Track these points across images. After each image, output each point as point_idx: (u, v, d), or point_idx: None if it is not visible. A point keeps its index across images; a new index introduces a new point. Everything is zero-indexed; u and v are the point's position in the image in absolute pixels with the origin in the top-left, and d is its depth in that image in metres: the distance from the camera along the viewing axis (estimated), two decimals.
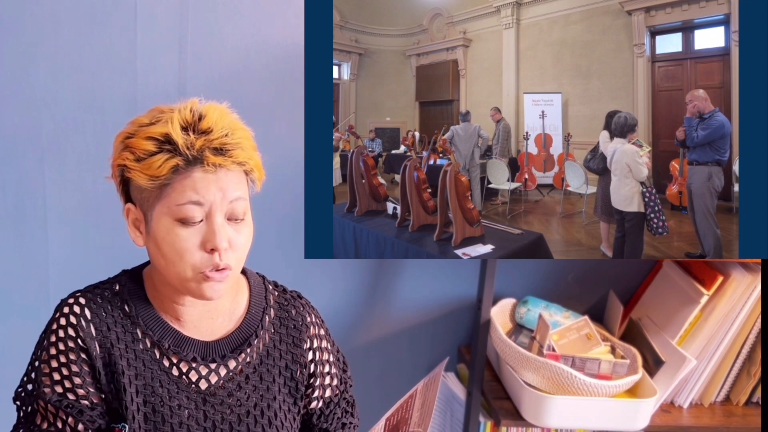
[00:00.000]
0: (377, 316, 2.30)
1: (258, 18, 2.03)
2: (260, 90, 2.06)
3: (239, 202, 1.15)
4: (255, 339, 1.26)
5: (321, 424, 1.35)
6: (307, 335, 1.31)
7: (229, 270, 1.15)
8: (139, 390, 1.19)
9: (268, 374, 1.27)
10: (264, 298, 1.31)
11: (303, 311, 1.32)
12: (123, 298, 1.22)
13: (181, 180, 1.12)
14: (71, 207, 2.08)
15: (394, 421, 1.18)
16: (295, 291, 1.36)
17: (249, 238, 1.18)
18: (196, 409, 1.21)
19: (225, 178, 1.13)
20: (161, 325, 1.21)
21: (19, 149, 2.04)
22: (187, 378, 1.21)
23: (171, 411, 1.19)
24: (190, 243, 1.13)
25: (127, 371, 1.18)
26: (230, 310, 1.27)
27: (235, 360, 1.25)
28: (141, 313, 1.21)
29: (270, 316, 1.29)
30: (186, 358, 1.21)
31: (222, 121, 1.14)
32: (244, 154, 1.14)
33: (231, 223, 1.15)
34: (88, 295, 1.21)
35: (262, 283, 1.33)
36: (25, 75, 2.00)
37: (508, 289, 2.24)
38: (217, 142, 1.12)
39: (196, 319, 1.23)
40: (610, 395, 1.91)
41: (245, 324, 1.27)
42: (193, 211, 1.12)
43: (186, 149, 1.11)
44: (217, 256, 1.13)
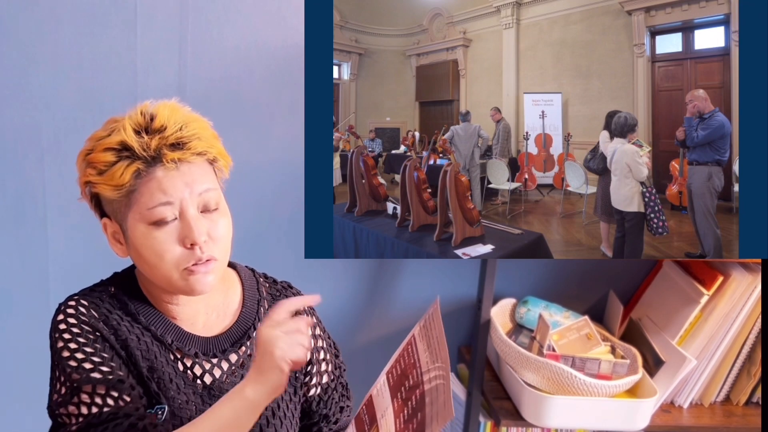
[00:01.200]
0: (377, 316, 2.30)
1: (258, 18, 2.03)
2: (260, 90, 2.06)
3: (209, 193, 1.14)
4: (253, 331, 1.26)
5: (321, 410, 1.36)
6: None
7: (213, 261, 1.15)
8: (155, 380, 1.18)
9: None
10: (257, 290, 1.31)
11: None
12: (120, 298, 1.21)
13: (145, 183, 1.12)
14: (71, 207, 2.07)
15: (399, 371, 1.16)
16: (284, 281, 1.37)
17: (228, 227, 1.18)
18: (203, 404, 1.20)
19: (189, 172, 1.13)
20: (162, 321, 1.21)
21: (19, 149, 2.04)
22: (192, 373, 1.22)
23: (179, 405, 1.19)
24: (169, 243, 1.13)
25: (142, 363, 1.17)
26: (224, 305, 1.27)
27: (236, 353, 1.25)
28: (141, 311, 1.21)
29: (264, 308, 1.30)
30: (189, 353, 1.21)
31: (174, 117, 1.14)
32: (203, 144, 1.14)
33: (205, 214, 1.15)
34: (87, 297, 1.19)
35: (253, 275, 1.33)
36: (25, 75, 2.00)
37: (508, 289, 2.24)
38: (172, 138, 1.12)
39: (191, 316, 1.23)
40: (610, 395, 1.91)
41: (242, 317, 1.27)
42: (165, 212, 1.12)
43: (143, 151, 1.11)
44: (198, 250, 1.13)
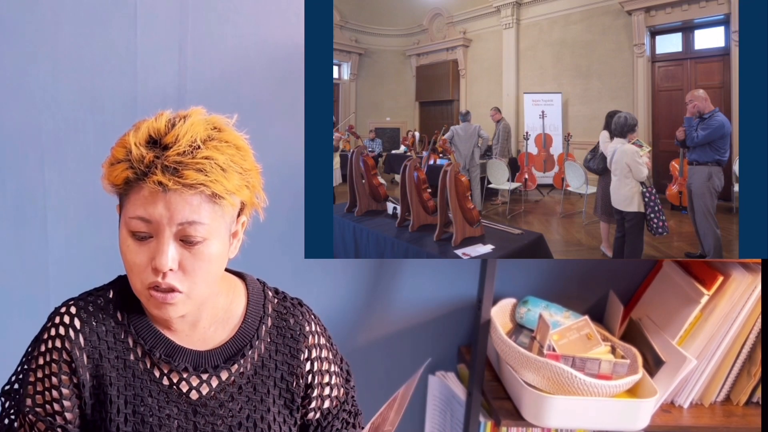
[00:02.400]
0: (377, 316, 2.30)
1: (258, 18, 2.03)
2: (260, 90, 2.06)
3: (193, 226, 1.07)
4: (249, 349, 1.22)
5: None
6: (305, 345, 1.27)
7: (176, 293, 1.10)
8: (128, 400, 1.17)
9: (262, 385, 1.23)
10: (262, 306, 1.26)
11: (302, 320, 1.28)
12: (116, 305, 1.19)
13: (134, 193, 1.08)
14: (71, 207, 2.08)
15: (377, 423, 1.17)
16: (296, 298, 1.31)
17: (210, 264, 1.11)
18: (186, 420, 1.18)
19: (174, 200, 1.06)
20: (153, 334, 1.19)
21: (19, 149, 2.04)
22: (178, 388, 1.19)
23: (160, 422, 1.17)
24: (139, 258, 1.09)
25: (116, 382, 1.16)
26: (224, 318, 1.23)
27: (228, 371, 1.21)
28: (133, 322, 1.19)
29: (267, 326, 1.25)
30: (177, 368, 1.18)
31: (191, 134, 1.06)
32: (203, 178, 1.05)
33: (184, 245, 1.09)
34: (81, 303, 1.19)
35: (262, 290, 1.28)
36: (25, 75, 2.00)
37: (508, 289, 2.24)
38: (171, 159, 1.05)
39: (189, 328, 1.20)
40: (610, 395, 1.91)
41: (240, 333, 1.22)
42: (140, 227, 1.08)
43: (137, 162, 1.06)
44: (161, 277, 1.09)
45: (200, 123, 1.09)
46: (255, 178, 1.15)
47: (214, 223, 1.10)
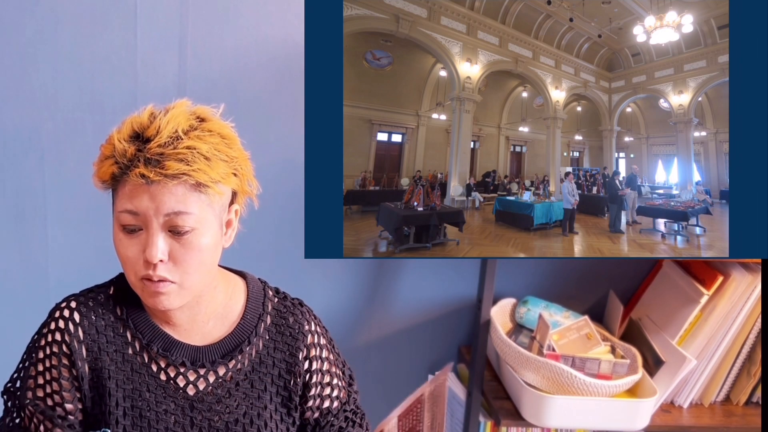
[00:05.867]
0: (377, 316, 2.30)
1: (258, 18, 2.03)
2: (260, 90, 2.06)
3: (180, 216, 1.09)
4: (247, 345, 1.23)
5: None
6: (304, 344, 1.27)
7: (168, 283, 1.11)
8: (127, 394, 1.17)
9: (259, 382, 1.24)
10: (261, 304, 1.27)
11: (301, 319, 1.28)
12: (116, 301, 1.21)
13: (121, 187, 1.10)
14: (71, 207, 2.08)
15: (407, 428, 1.17)
16: (297, 299, 1.32)
17: (201, 253, 1.12)
18: (183, 415, 1.19)
19: (159, 191, 1.07)
20: (151, 328, 1.20)
21: (19, 149, 2.04)
22: (175, 383, 1.19)
23: (157, 416, 1.18)
24: (131, 251, 1.11)
25: (114, 375, 1.17)
26: (222, 314, 1.24)
27: (225, 366, 1.22)
28: (132, 316, 1.20)
29: (266, 323, 1.26)
30: (174, 362, 1.19)
31: (172, 125, 1.08)
32: (186, 168, 1.07)
33: (173, 236, 1.11)
34: (80, 298, 1.20)
35: (262, 289, 1.29)
36: (25, 75, 2.00)
37: (508, 289, 2.24)
38: (153, 151, 1.07)
39: (186, 322, 1.21)
40: (610, 395, 1.91)
41: (238, 329, 1.23)
42: (128, 220, 1.10)
43: (121, 157, 1.08)
44: (151, 268, 1.10)
45: (182, 114, 1.11)
46: (244, 165, 1.16)
47: (202, 213, 1.11)
